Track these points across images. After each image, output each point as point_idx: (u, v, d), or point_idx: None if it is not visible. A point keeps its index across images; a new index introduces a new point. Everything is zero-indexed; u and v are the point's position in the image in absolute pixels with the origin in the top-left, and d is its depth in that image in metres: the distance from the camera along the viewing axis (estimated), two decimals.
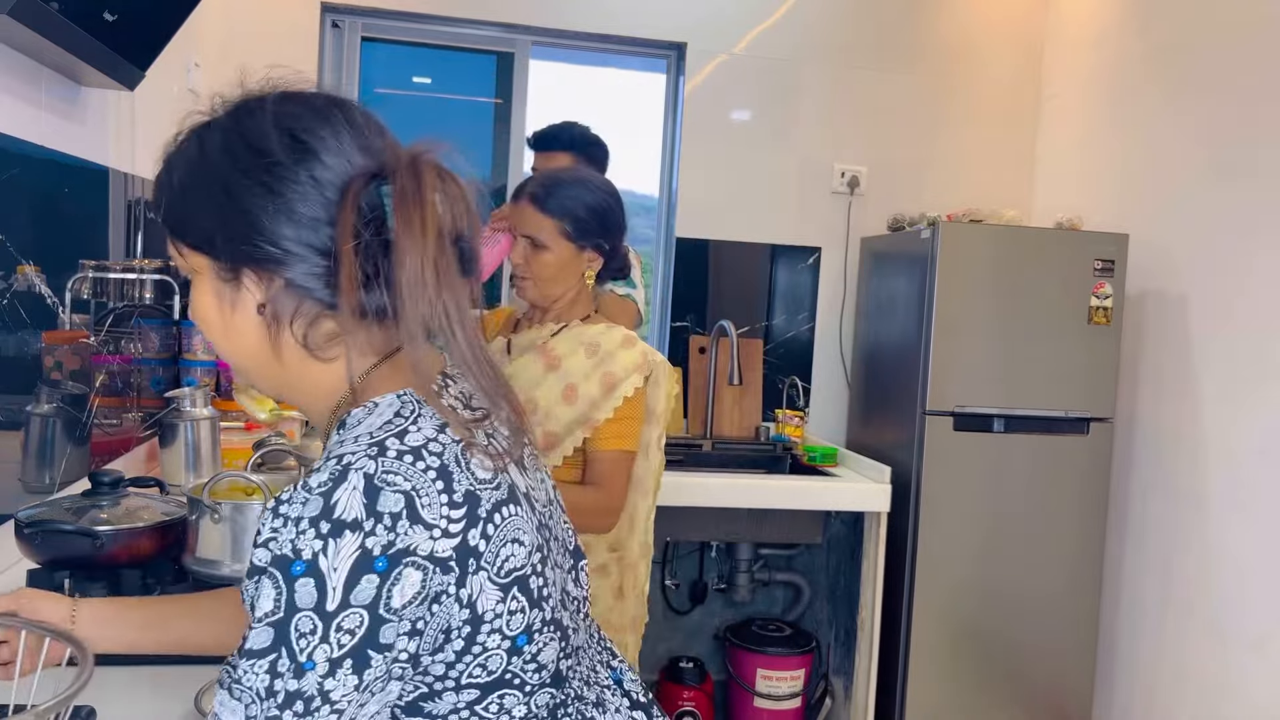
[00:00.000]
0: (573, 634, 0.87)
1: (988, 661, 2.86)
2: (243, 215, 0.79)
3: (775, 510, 2.78)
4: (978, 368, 2.82)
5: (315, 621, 0.69)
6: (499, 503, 0.78)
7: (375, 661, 0.71)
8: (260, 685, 0.69)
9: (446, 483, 0.75)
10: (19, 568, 1.46)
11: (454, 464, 0.77)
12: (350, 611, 0.70)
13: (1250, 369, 2.55)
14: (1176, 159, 2.85)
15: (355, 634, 0.70)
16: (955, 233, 2.82)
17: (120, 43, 1.69)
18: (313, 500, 0.71)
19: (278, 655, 0.69)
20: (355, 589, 0.70)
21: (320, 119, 0.81)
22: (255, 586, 0.71)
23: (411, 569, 0.72)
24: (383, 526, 0.71)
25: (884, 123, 3.42)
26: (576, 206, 1.70)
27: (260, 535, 0.72)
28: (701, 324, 3.36)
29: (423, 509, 0.73)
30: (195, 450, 1.97)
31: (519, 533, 0.79)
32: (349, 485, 0.72)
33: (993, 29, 3.47)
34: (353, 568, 0.70)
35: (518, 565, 0.78)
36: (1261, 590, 2.47)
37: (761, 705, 2.97)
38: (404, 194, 0.77)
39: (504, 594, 0.77)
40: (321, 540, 0.70)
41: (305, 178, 0.78)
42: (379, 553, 0.70)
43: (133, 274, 2.00)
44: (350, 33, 3.22)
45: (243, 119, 0.82)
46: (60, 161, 1.72)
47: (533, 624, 0.80)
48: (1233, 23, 2.68)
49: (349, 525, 0.70)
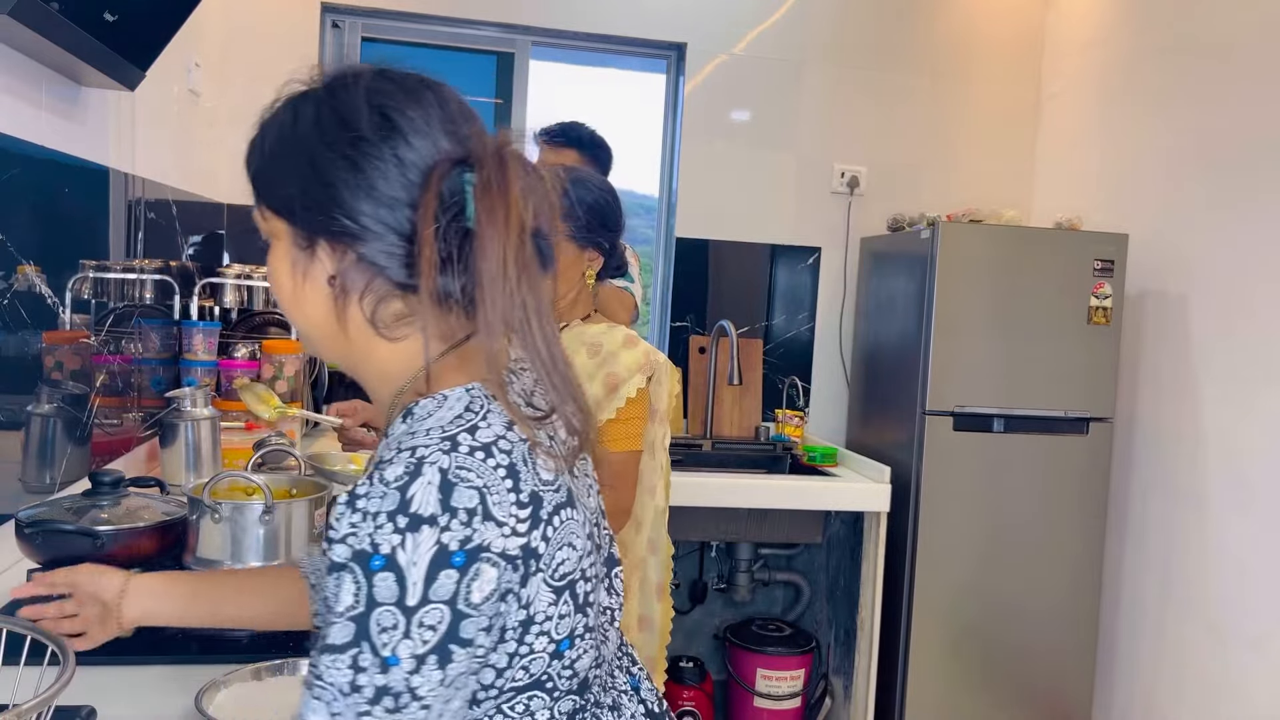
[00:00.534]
0: (606, 643, 0.87)
1: (988, 661, 2.86)
2: (324, 187, 0.79)
3: (775, 510, 2.78)
4: (977, 368, 2.82)
5: (397, 616, 0.69)
6: (559, 505, 0.78)
7: (458, 656, 0.71)
8: (343, 680, 0.69)
9: (514, 481, 0.75)
10: (19, 568, 1.46)
11: (521, 463, 0.77)
12: (431, 607, 0.70)
13: (1250, 369, 2.55)
14: (1176, 159, 2.85)
15: (437, 630, 0.70)
16: (955, 233, 2.82)
17: (120, 43, 1.69)
18: (390, 494, 0.71)
19: (359, 650, 0.69)
20: (434, 584, 0.70)
21: (412, 99, 0.81)
22: (336, 583, 0.71)
23: (487, 565, 0.72)
24: (458, 522, 0.71)
25: (884, 123, 3.42)
26: (576, 206, 1.70)
27: (338, 530, 0.72)
28: (701, 324, 3.36)
29: (494, 506, 0.73)
30: (195, 450, 1.97)
31: (573, 537, 0.79)
32: (424, 480, 0.72)
33: (993, 29, 3.47)
34: (431, 563, 0.70)
35: (570, 569, 0.79)
36: (1261, 590, 2.47)
37: (761, 705, 2.97)
38: (489, 184, 0.77)
39: (556, 597, 0.78)
40: (399, 535, 0.70)
41: (390, 156, 0.79)
42: (456, 548, 0.71)
43: (133, 274, 2.00)
44: (350, 33, 3.22)
45: (337, 91, 0.82)
46: (60, 161, 1.72)
47: (576, 629, 0.80)
48: (1232, 22, 2.68)
49: (426, 520, 0.70)
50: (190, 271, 2.54)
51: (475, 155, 0.79)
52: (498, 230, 0.76)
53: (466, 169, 0.78)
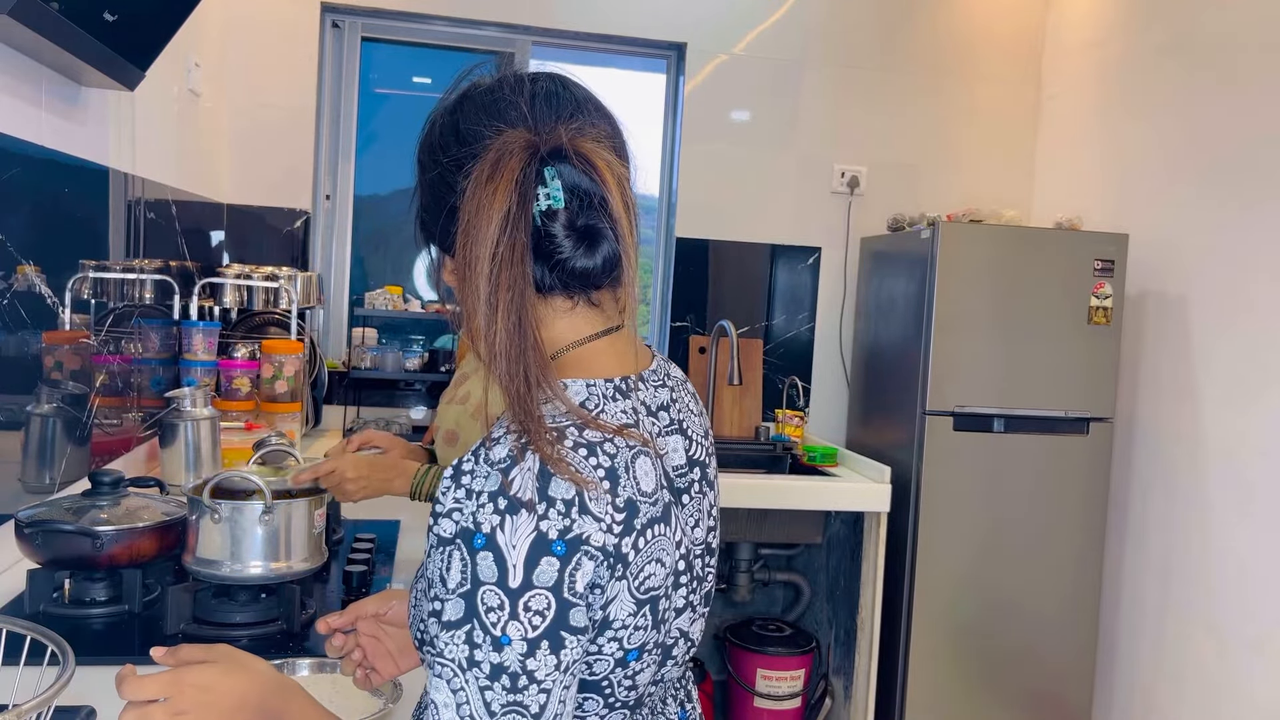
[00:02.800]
0: (673, 664, 0.87)
1: (988, 661, 2.86)
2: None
3: (775, 510, 2.78)
4: (978, 368, 2.82)
5: (501, 596, 0.70)
6: (653, 519, 0.78)
7: (570, 643, 0.72)
8: (461, 656, 0.71)
9: (613, 484, 0.75)
10: (19, 568, 1.46)
11: (623, 470, 0.77)
12: (535, 593, 0.71)
13: (1250, 369, 2.55)
14: (1176, 159, 2.85)
15: (546, 616, 0.71)
16: (955, 233, 2.82)
17: (120, 43, 1.69)
18: (493, 475, 0.73)
19: (471, 627, 0.71)
20: (536, 570, 0.71)
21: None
22: (444, 558, 0.73)
23: (586, 558, 0.72)
24: (556, 511, 0.72)
25: (884, 123, 3.42)
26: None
27: (443, 505, 0.74)
28: (701, 324, 3.36)
29: (590, 502, 0.73)
30: (195, 450, 1.97)
31: (663, 554, 0.79)
32: (525, 466, 0.73)
33: (993, 29, 3.47)
34: (531, 548, 0.71)
35: (655, 585, 0.79)
36: (1262, 590, 2.47)
37: (761, 705, 2.97)
38: (622, 183, 0.83)
39: (637, 609, 0.78)
40: (499, 515, 0.71)
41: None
42: (555, 536, 0.71)
43: (133, 274, 2.00)
44: (350, 33, 3.22)
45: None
46: (60, 161, 1.72)
47: (647, 644, 0.80)
48: (1232, 22, 2.68)
49: (524, 505, 0.71)
50: (190, 271, 2.54)
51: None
52: (627, 225, 0.83)
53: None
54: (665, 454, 0.85)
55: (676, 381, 0.94)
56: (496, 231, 0.77)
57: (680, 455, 0.88)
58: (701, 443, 0.93)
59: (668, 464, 0.85)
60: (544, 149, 0.81)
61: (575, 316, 0.85)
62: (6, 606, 1.38)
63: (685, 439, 0.90)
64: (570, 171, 0.81)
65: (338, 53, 3.22)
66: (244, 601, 1.39)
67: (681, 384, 0.95)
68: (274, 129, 3.00)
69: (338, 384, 3.12)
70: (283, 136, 3.01)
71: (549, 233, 0.81)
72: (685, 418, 0.92)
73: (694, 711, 1.00)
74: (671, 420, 0.89)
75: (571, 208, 0.81)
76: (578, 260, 0.82)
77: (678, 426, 0.89)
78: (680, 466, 0.87)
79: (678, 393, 0.93)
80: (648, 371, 0.89)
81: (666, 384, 0.91)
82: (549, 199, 0.80)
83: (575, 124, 0.85)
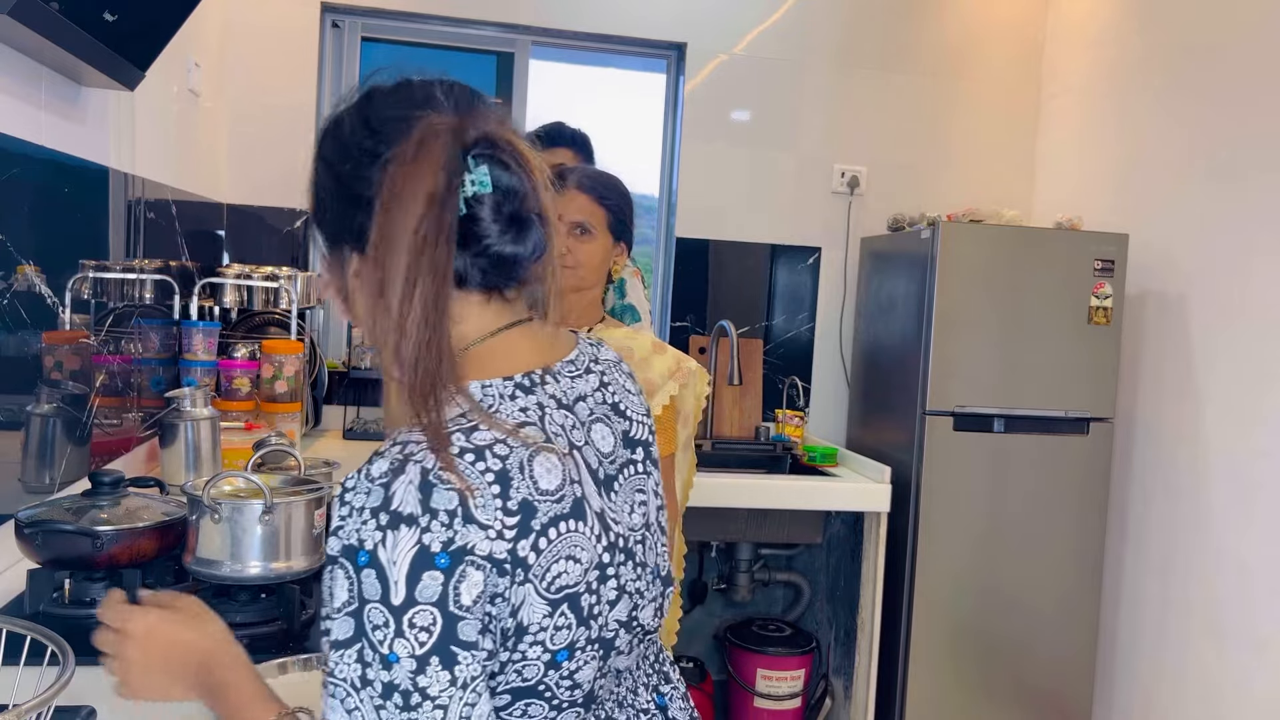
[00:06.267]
0: (618, 655, 0.85)
1: (988, 661, 2.86)
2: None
3: (775, 510, 2.78)
4: (978, 368, 2.82)
5: (385, 614, 0.69)
6: (557, 517, 0.76)
7: (464, 659, 0.71)
8: (354, 675, 0.70)
9: (503, 488, 0.74)
10: (19, 568, 1.46)
11: (516, 471, 0.75)
12: (420, 609, 0.69)
13: (1251, 369, 2.55)
14: (1176, 159, 2.85)
15: (432, 632, 0.70)
16: (955, 233, 2.82)
17: (120, 43, 1.69)
18: (374, 490, 0.72)
19: (362, 645, 0.70)
20: (419, 585, 0.69)
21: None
22: (330, 576, 0.72)
23: (472, 568, 0.71)
24: (439, 523, 0.70)
25: (884, 123, 3.42)
26: (619, 199, 1.73)
27: (332, 523, 0.73)
28: (701, 324, 3.36)
29: (476, 509, 0.72)
30: (195, 450, 1.97)
31: (576, 550, 0.77)
32: (406, 478, 0.72)
33: (993, 29, 3.47)
34: (413, 563, 0.70)
35: (570, 582, 0.77)
36: (1262, 591, 2.47)
37: (761, 705, 2.97)
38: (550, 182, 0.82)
39: (552, 609, 0.76)
40: (381, 532, 0.70)
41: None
42: (438, 549, 0.70)
43: (133, 274, 2.00)
44: (350, 33, 3.22)
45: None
46: (60, 161, 1.72)
47: (576, 641, 0.78)
48: (1233, 22, 2.68)
49: (405, 519, 0.70)
50: (190, 271, 2.54)
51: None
52: (552, 216, 0.82)
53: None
54: (588, 444, 0.84)
55: (609, 364, 0.93)
56: (421, 210, 0.74)
57: (609, 441, 0.86)
58: (643, 422, 0.92)
59: (592, 453, 0.84)
60: (471, 133, 0.79)
61: (486, 311, 0.83)
62: (6, 606, 1.38)
63: (623, 419, 0.89)
64: (498, 157, 0.80)
65: (338, 53, 3.22)
66: (244, 601, 1.39)
67: (615, 365, 0.93)
68: (274, 129, 3.00)
69: (338, 384, 3.12)
70: (283, 137, 3.01)
71: (476, 217, 0.78)
72: (621, 399, 0.91)
73: (675, 692, 0.98)
74: (594, 409, 0.87)
75: (498, 194, 0.79)
76: (507, 246, 0.80)
77: (607, 412, 0.88)
78: (610, 452, 0.86)
79: (610, 375, 0.91)
80: (562, 363, 0.87)
81: (592, 370, 0.89)
82: (476, 184, 0.78)
83: (496, 115, 0.83)
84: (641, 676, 0.93)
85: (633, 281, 2.49)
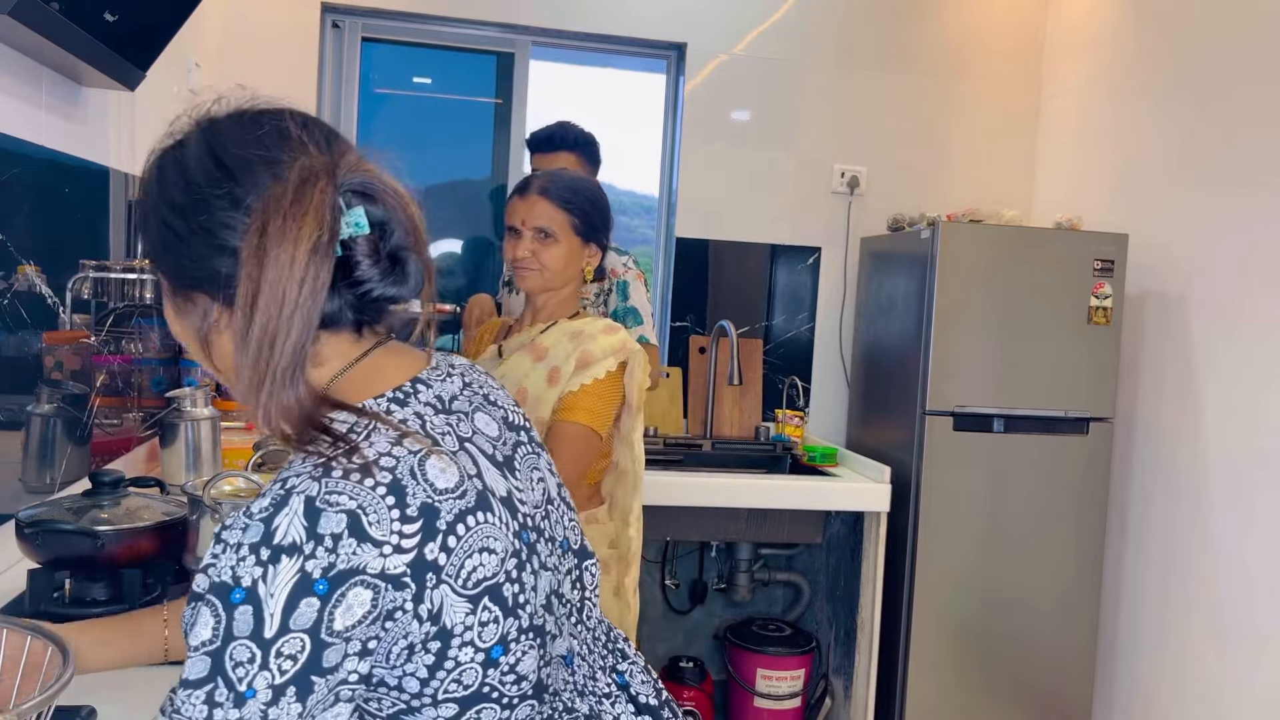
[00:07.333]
0: (554, 640, 0.85)
1: (988, 661, 2.86)
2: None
3: (775, 510, 2.78)
4: (977, 368, 2.82)
5: (253, 650, 0.68)
6: (463, 512, 0.76)
7: (318, 686, 0.70)
8: (199, 716, 0.68)
9: (399, 498, 0.73)
10: (19, 567, 1.46)
11: (409, 477, 0.74)
12: (290, 637, 0.68)
13: (1250, 368, 2.55)
14: (1177, 159, 2.85)
15: (297, 660, 0.69)
16: (955, 233, 2.82)
17: (120, 43, 1.69)
18: (253, 526, 0.70)
19: (214, 685, 0.68)
20: (294, 614, 0.68)
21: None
22: (193, 613, 0.70)
23: (360, 588, 0.70)
24: (323, 549, 0.69)
25: (884, 123, 3.42)
26: (585, 203, 1.78)
27: (202, 561, 0.71)
28: (701, 324, 3.36)
29: (370, 526, 0.71)
30: (195, 450, 1.97)
31: (489, 540, 0.77)
32: (289, 510, 0.70)
33: (993, 29, 3.47)
34: (291, 592, 0.68)
35: (488, 575, 0.77)
36: (1262, 590, 2.47)
37: (761, 705, 2.97)
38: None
39: (473, 605, 0.75)
40: (261, 567, 0.69)
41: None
42: (319, 575, 0.69)
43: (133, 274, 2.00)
44: (350, 33, 3.22)
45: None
46: (60, 161, 1.72)
47: (508, 633, 0.78)
48: (1232, 23, 2.68)
49: (286, 550, 0.69)
50: None
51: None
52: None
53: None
54: (476, 433, 0.85)
55: (464, 367, 0.94)
56: (304, 263, 0.72)
57: (494, 427, 0.88)
58: (515, 410, 0.94)
59: (483, 440, 0.85)
60: (343, 174, 0.77)
61: (355, 345, 0.83)
62: (6, 606, 1.38)
63: (497, 408, 0.91)
64: (369, 194, 0.78)
65: (338, 53, 3.22)
66: None
67: (470, 368, 0.95)
68: None
69: None
70: None
71: (353, 261, 0.77)
72: (488, 391, 0.92)
73: (634, 667, 0.98)
74: (471, 401, 0.88)
75: (374, 232, 0.78)
76: (389, 289, 0.79)
77: (481, 403, 0.89)
78: (498, 435, 0.88)
79: (469, 375, 0.93)
80: (428, 371, 0.87)
81: (452, 374, 0.90)
82: (351, 226, 0.76)
83: (350, 151, 0.81)
84: (596, 660, 0.93)
85: (636, 285, 2.49)
